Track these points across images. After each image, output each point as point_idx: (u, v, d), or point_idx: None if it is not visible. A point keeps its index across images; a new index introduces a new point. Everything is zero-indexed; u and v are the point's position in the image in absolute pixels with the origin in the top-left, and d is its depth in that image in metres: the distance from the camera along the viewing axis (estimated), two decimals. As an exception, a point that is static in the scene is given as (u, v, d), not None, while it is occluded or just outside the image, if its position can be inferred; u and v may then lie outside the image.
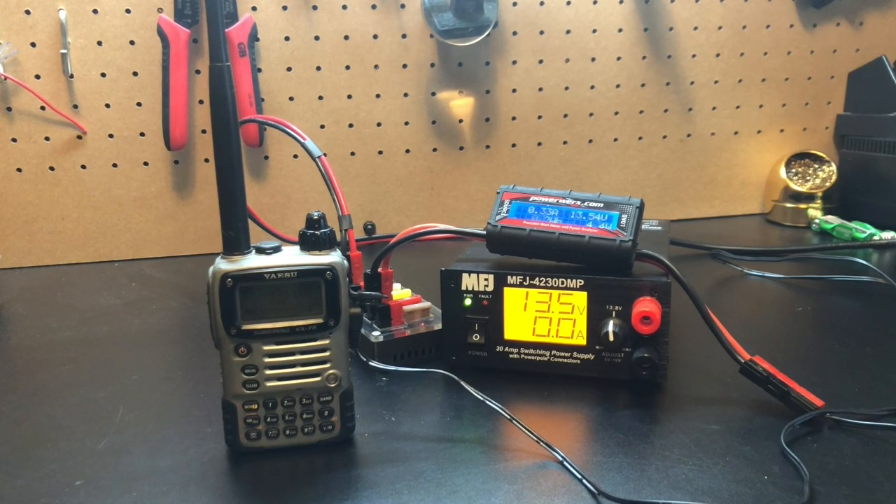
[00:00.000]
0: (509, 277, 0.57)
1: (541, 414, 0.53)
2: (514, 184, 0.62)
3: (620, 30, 1.06)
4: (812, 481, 0.42)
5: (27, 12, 0.89)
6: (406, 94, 1.02)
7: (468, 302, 0.58)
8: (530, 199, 0.58)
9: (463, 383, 0.51)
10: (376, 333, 0.60)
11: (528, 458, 0.46)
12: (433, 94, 1.03)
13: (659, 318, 0.53)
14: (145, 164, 0.97)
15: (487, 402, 0.49)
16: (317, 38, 0.98)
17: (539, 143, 1.08)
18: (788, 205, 1.10)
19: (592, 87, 1.07)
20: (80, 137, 0.94)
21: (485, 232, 0.58)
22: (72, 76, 0.92)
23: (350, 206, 0.62)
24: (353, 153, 1.02)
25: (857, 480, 0.43)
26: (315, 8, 0.97)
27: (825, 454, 0.46)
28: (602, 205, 0.57)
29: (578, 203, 0.57)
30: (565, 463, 0.45)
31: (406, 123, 1.03)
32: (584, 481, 0.43)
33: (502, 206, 0.58)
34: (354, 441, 0.49)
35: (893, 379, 0.56)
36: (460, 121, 1.05)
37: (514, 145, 1.07)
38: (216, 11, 0.44)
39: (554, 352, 0.57)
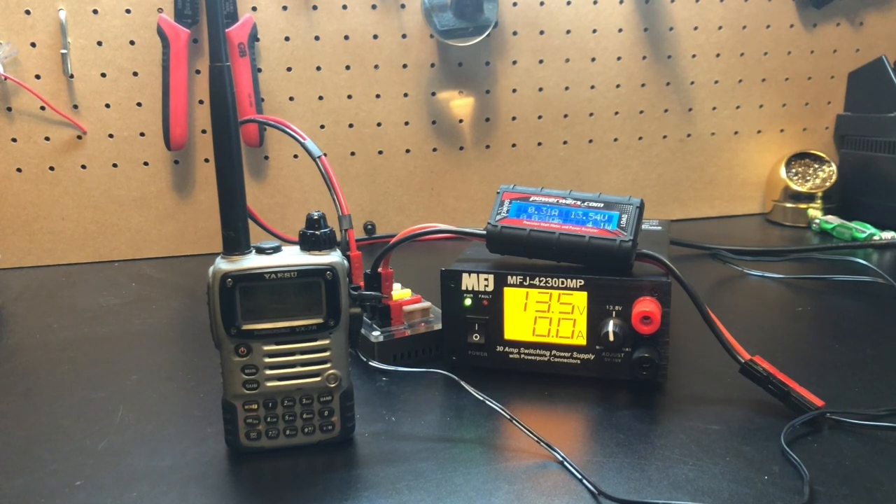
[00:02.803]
0: (509, 277, 0.57)
1: (541, 414, 0.53)
2: (514, 184, 0.62)
3: (620, 30, 1.06)
4: (812, 481, 0.42)
5: (27, 12, 0.89)
6: (406, 94, 1.02)
7: (468, 302, 0.58)
8: (530, 199, 0.58)
9: (463, 383, 0.51)
10: (376, 333, 0.60)
11: (528, 458, 0.46)
12: (433, 94, 1.03)
13: (659, 318, 0.53)
14: (145, 164, 0.97)
15: (487, 402, 0.49)
16: (317, 38, 0.98)
17: (539, 143, 1.08)
18: (788, 205, 1.10)
19: (592, 87, 1.07)
20: (80, 137, 0.94)
21: (485, 232, 0.58)
22: (72, 76, 0.92)
23: (350, 206, 0.62)
24: (353, 153, 1.02)
25: (857, 480, 0.43)
26: (315, 8, 0.97)
27: (825, 454, 0.46)
28: (602, 205, 0.57)
29: (578, 203, 0.57)
30: (565, 463, 0.45)
31: (406, 123, 1.03)
32: (585, 481, 0.43)
33: (502, 206, 0.58)
34: (354, 441, 0.49)
35: (893, 379, 0.56)
36: (460, 121, 1.05)
37: (514, 145, 1.07)
38: (216, 11, 0.44)
39: (554, 352, 0.57)
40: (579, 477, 0.43)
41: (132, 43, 0.93)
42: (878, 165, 1.05)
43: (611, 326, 0.54)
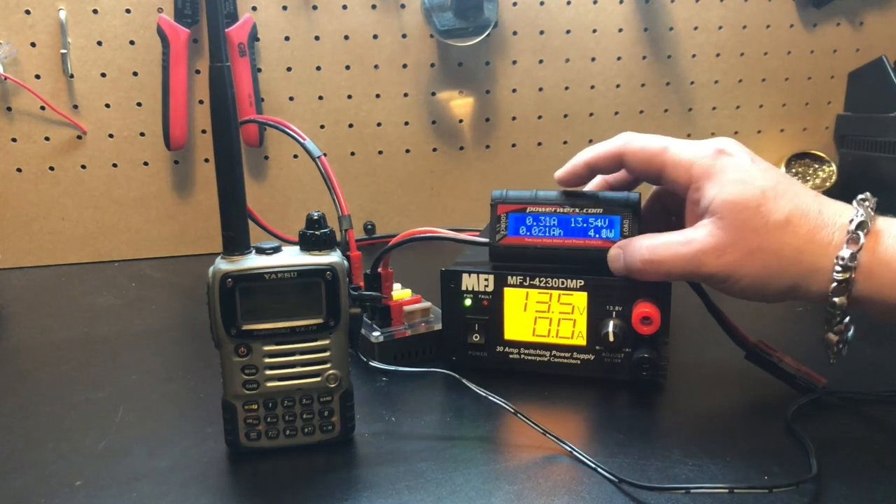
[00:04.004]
0: (509, 278, 0.57)
1: (541, 414, 0.52)
2: (513, 185, 0.61)
3: (620, 30, 1.06)
4: (815, 477, 0.42)
5: (27, 12, 0.89)
6: (406, 94, 1.02)
7: (468, 302, 0.58)
8: (527, 211, 0.58)
9: (464, 381, 0.51)
10: (376, 334, 0.60)
11: (529, 457, 0.46)
12: (433, 94, 1.03)
13: (659, 319, 0.53)
14: (145, 164, 0.97)
15: (490, 397, 0.49)
16: (317, 38, 0.98)
17: (539, 143, 1.08)
18: (788, 205, 1.09)
19: (592, 87, 1.07)
20: (80, 137, 0.94)
21: (487, 241, 0.58)
22: (72, 76, 0.92)
23: (350, 206, 0.62)
24: (353, 153, 1.02)
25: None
26: (315, 8, 0.97)
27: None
28: (601, 209, 0.56)
29: (576, 210, 0.57)
30: (575, 453, 0.45)
31: (406, 123, 1.03)
32: (599, 469, 0.43)
33: (499, 221, 0.58)
34: (354, 441, 0.49)
35: (894, 380, 0.56)
36: (460, 121, 1.05)
37: (514, 145, 1.07)
38: (216, 11, 0.44)
39: (554, 352, 0.57)
40: (593, 466, 0.44)
41: (132, 43, 0.93)
42: (878, 165, 1.05)
43: (611, 327, 0.54)
